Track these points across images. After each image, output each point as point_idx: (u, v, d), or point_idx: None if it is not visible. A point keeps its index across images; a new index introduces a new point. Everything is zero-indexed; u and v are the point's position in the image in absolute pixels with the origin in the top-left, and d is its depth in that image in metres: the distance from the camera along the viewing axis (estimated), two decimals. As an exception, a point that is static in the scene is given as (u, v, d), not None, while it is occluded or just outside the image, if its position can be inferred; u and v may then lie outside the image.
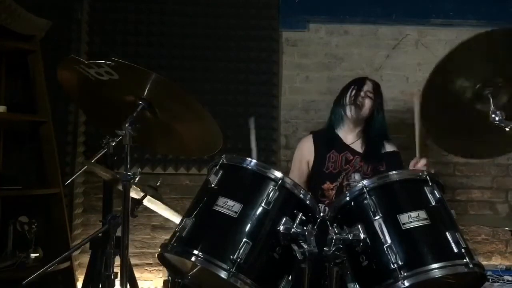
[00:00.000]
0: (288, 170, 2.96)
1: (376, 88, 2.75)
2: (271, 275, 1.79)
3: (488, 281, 2.70)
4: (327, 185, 2.65)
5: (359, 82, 2.75)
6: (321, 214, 1.89)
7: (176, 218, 2.36)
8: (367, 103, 2.70)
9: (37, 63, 3.11)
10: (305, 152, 2.78)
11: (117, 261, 1.88)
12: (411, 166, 2.46)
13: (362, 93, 2.70)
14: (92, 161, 2.25)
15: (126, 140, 1.82)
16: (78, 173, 2.89)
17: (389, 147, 2.78)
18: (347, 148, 2.71)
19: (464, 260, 1.70)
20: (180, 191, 3.47)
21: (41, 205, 3.13)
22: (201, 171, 3.39)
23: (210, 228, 1.79)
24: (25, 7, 2.96)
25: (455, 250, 1.72)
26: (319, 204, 1.93)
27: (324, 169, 2.68)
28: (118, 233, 1.91)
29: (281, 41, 3.55)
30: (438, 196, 1.83)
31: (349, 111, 2.69)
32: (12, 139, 3.19)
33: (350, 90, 2.72)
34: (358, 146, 2.73)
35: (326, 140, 2.75)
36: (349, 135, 2.75)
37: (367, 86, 2.73)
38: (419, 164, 2.43)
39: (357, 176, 2.01)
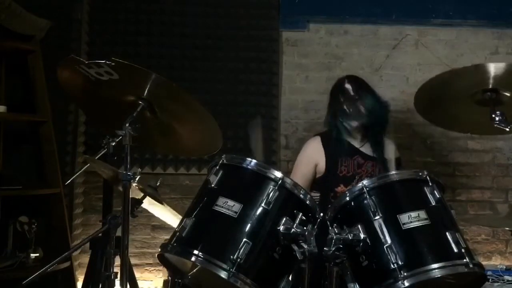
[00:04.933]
0: (289, 170, 2.93)
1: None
2: (271, 275, 1.79)
3: (488, 281, 2.69)
4: (341, 188, 2.60)
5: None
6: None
7: (175, 221, 2.35)
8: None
9: (37, 63, 3.11)
10: (313, 154, 2.71)
11: (117, 261, 1.88)
12: None
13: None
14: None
15: (126, 140, 1.82)
16: (78, 172, 2.89)
17: (388, 146, 2.74)
18: (358, 152, 2.67)
19: (464, 260, 1.71)
20: (180, 191, 3.47)
21: (41, 205, 3.13)
22: (201, 171, 3.38)
23: (210, 228, 1.80)
24: (25, 7, 2.96)
25: (455, 250, 1.73)
26: (329, 206, 1.93)
27: (338, 172, 2.63)
28: (118, 233, 1.91)
29: (281, 41, 3.54)
30: (438, 196, 1.84)
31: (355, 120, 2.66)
32: (12, 139, 3.19)
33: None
34: (368, 150, 2.69)
35: (335, 144, 2.68)
36: (356, 138, 2.70)
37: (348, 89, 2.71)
38: None
39: None
